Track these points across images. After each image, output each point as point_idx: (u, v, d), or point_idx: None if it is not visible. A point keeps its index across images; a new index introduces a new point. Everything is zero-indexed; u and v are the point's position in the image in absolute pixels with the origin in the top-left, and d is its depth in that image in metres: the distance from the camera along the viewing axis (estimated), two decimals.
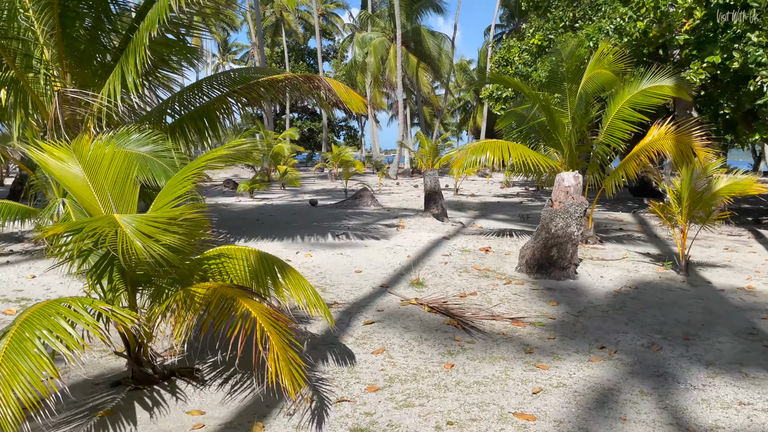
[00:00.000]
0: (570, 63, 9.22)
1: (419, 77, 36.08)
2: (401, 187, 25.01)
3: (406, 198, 17.74)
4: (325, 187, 24.55)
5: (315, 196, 18.41)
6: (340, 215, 12.26)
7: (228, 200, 16.26)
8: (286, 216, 12.16)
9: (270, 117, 33.21)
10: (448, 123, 62.65)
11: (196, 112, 7.70)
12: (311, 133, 53.80)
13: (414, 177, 34.44)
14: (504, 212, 13.53)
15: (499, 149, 8.41)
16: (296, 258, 7.74)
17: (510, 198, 18.53)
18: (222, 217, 12.03)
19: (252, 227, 10.47)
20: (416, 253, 8.16)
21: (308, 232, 9.85)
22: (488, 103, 16.69)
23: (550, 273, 7.05)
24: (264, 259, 3.82)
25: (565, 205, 7.15)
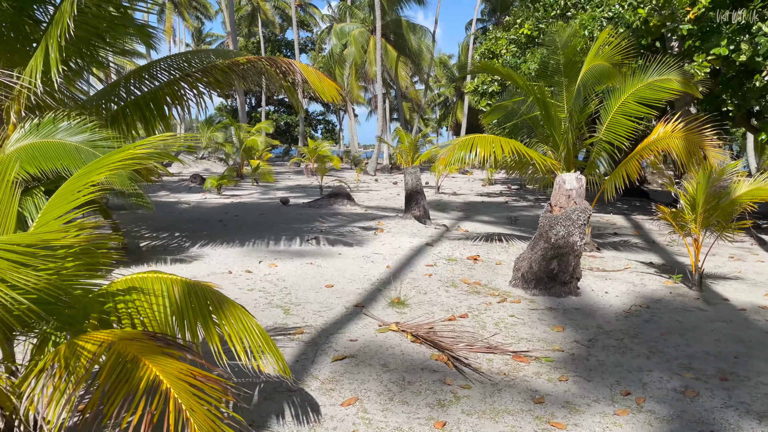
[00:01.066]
0: (566, 53, 8.35)
1: (398, 71, 35.08)
2: (380, 183, 24.04)
3: (385, 196, 16.78)
4: (300, 183, 23.47)
5: (288, 193, 17.34)
6: (313, 216, 11.25)
7: (192, 197, 15.11)
8: (252, 216, 11.11)
9: (243, 109, 31.94)
10: (428, 119, 61.84)
11: (143, 98, 6.64)
12: (288, 127, 52.41)
13: (393, 173, 33.49)
14: (489, 213, 12.66)
15: (489, 145, 7.49)
16: (258, 269, 6.73)
17: (494, 197, 17.70)
18: (181, 216, 10.93)
19: (212, 229, 9.41)
20: (396, 262, 7.21)
21: (275, 236, 8.83)
22: (472, 99, 15.83)
23: (550, 289, 6.16)
24: (193, 293, 2.81)
25: (566, 210, 6.26)
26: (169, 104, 6.75)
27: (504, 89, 14.49)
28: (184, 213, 11.50)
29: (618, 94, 8.10)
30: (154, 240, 8.37)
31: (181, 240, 8.37)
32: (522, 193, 19.47)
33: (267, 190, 18.79)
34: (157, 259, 7.07)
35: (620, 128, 7.94)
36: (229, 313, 2.86)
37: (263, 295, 5.67)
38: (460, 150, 7.60)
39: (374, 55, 33.75)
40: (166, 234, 8.85)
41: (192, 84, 6.82)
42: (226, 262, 7.02)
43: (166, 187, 18.88)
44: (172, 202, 13.67)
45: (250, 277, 6.31)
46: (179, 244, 8.09)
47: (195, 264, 6.85)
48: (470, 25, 46.38)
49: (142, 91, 6.83)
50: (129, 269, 6.55)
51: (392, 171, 34.37)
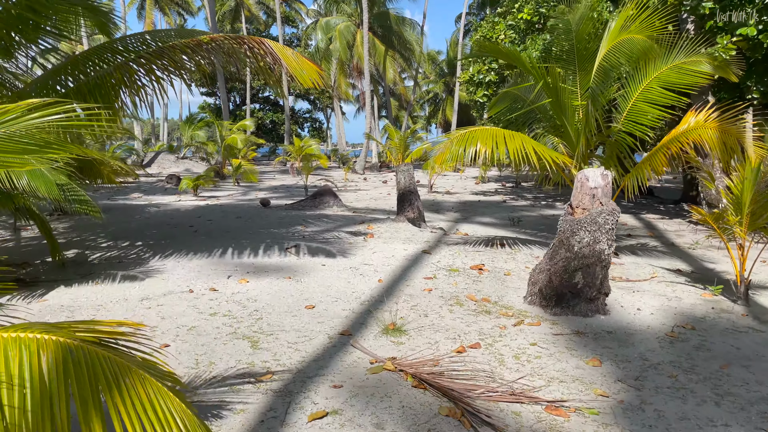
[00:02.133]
0: (579, 34, 7.37)
1: (387, 66, 34.01)
2: (369, 182, 23.00)
3: (374, 196, 15.74)
4: (285, 183, 22.37)
5: (271, 194, 16.25)
6: (296, 219, 10.19)
7: (166, 199, 13.97)
8: (228, 220, 10.03)
9: (226, 106, 30.75)
10: (417, 116, 60.83)
11: (86, 85, 5.56)
12: (274, 125, 51.11)
13: (382, 171, 32.47)
14: (489, 214, 11.66)
15: (492, 140, 6.47)
16: (226, 286, 5.66)
17: (489, 196, 16.72)
18: (150, 222, 9.82)
19: (180, 237, 8.32)
20: (390, 275, 6.18)
21: (251, 244, 7.77)
22: (467, 90, 14.82)
23: (574, 307, 5.17)
24: (79, 365, 1.75)
25: (591, 213, 5.26)
26: (118, 92, 5.66)
27: (502, 79, 13.53)
28: (153, 217, 10.38)
29: (639, 79, 7.12)
30: (110, 250, 7.27)
31: (142, 250, 7.27)
32: (519, 191, 18.52)
33: (249, 190, 17.69)
34: (105, 274, 5.98)
35: (643, 117, 6.97)
36: (137, 387, 1.80)
37: (228, 321, 4.62)
38: (458, 145, 6.57)
39: (362, 49, 32.67)
40: (125, 243, 7.76)
41: (146, 67, 5.74)
42: (189, 277, 5.94)
43: (141, 188, 17.72)
44: (141, 205, 12.53)
45: (215, 297, 5.25)
46: (138, 255, 7.00)
47: (150, 281, 5.77)
48: (459, 19, 45.47)
49: (89, 76, 5.74)
50: (67, 289, 5.49)
51: (381, 169, 33.34)
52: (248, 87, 44.10)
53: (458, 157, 6.46)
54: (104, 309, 4.83)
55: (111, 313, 4.72)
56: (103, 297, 5.20)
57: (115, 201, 13.49)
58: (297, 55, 6.29)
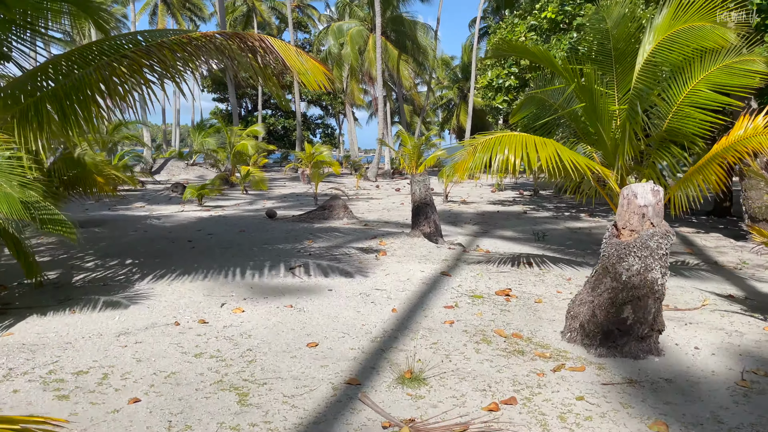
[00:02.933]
0: (619, 31, 6.62)
1: (400, 71, 33.35)
2: (381, 190, 22.30)
3: (387, 206, 15.01)
4: (295, 191, 21.73)
5: (280, 203, 15.60)
6: (303, 233, 9.49)
7: (168, 209, 13.36)
8: (230, 234, 9.35)
9: (236, 112, 30.25)
10: (430, 122, 60.17)
11: (62, 88, 4.91)
12: (286, 132, 50.69)
13: (395, 179, 31.78)
14: (510, 227, 10.88)
15: (521, 147, 5.72)
16: (218, 316, 4.95)
17: (508, 205, 15.92)
18: (146, 236, 9.16)
19: (177, 254, 7.65)
20: (405, 302, 5.44)
21: (252, 262, 7.07)
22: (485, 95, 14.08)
23: (623, 347, 4.40)
24: None
25: (641, 236, 4.50)
26: (97, 95, 5.00)
27: (523, 84, 12.79)
28: (150, 231, 9.73)
29: (684, 80, 6.34)
30: (97, 270, 6.61)
31: (131, 270, 6.60)
32: (538, 200, 17.69)
33: (257, 199, 17.06)
34: (86, 300, 5.31)
35: (690, 123, 6.18)
36: None
37: (215, 364, 3.91)
38: (483, 153, 5.83)
39: (374, 54, 32.04)
40: (115, 261, 7.09)
41: (133, 67, 5.08)
42: (178, 305, 5.25)
43: (146, 197, 17.15)
44: (141, 216, 11.90)
45: (204, 332, 4.55)
46: (127, 276, 6.33)
47: (134, 309, 5.08)
48: (473, 24, 44.74)
49: (69, 77, 5.08)
50: (39, 319, 4.81)
51: (394, 176, 32.67)
52: (260, 93, 43.69)
53: (483, 166, 5.72)
54: (72, 348, 4.14)
55: (79, 354, 4.03)
56: (75, 331, 4.51)
57: (116, 211, 12.90)
58: (302, 54, 5.61)
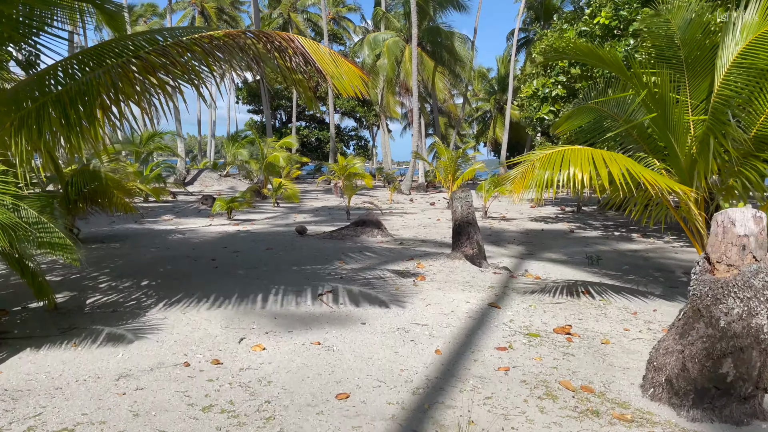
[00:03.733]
0: (690, 33, 5.82)
1: (435, 82, 32.68)
2: (415, 204, 21.58)
3: (422, 222, 14.26)
4: (328, 204, 21.18)
5: (311, 217, 15.02)
6: (334, 252, 8.83)
7: (196, 223, 12.89)
8: (257, 252, 8.74)
9: (269, 124, 30.03)
10: (465, 134, 59.30)
11: (68, 92, 4.37)
12: (319, 143, 50.46)
13: (429, 192, 31.03)
14: (557, 248, 10.02)
15: (588, 162, 4.95)
16: (235, 354, 4.30)
17: (551, 222, 15.00)
18: (168, 253, 8.62)
19: (198, 274, 7.06)
20: (450, 341, 4.69)
21: (277, 286, 6.42)
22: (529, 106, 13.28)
23: (722, 409, 3.59)
24: None
25: (743, 272, 3.68)
26: (112, 98, 4.44)
27: (571, 93, 11.96)
28: (173, 247, 9.20)
29: None
30: (109, 293, 6.05)
31: (146, 293, 6.02)
32: (582, 218, 16.70)
33: (288, 213, 16.53)
34: (89, 331, 4.72)
35: None
36: None
37: (225, 422, 3.24)
38: (544, 169, 5.07)
39: (410, 65, 31.47)
40: (129, 282, 6.53)
41: (146, 70, 4.51)
42: (191, 339, 4.62)
43: (175, 209, 16.79)
44: (166, 230, 11.43)
45: (217, 376, 3.89)
46: (139, 301, 5.75)
47: (140, 345, 4.46)
48: (512, 35, 43.88)
49: (76, 80, 4.55)
50: (33, 354, 4.22)
51: (428, 190, 31.92)
52: (294, 105, 43.59)
53: (544, 184, 4.97)
54: (61, 396, 3.53)
55: (68, 404, 3.41)
56: (70, 372, 3.91)
57: (142, 225, 12.49)
58: (336, 56, 4.97)
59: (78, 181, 8.12)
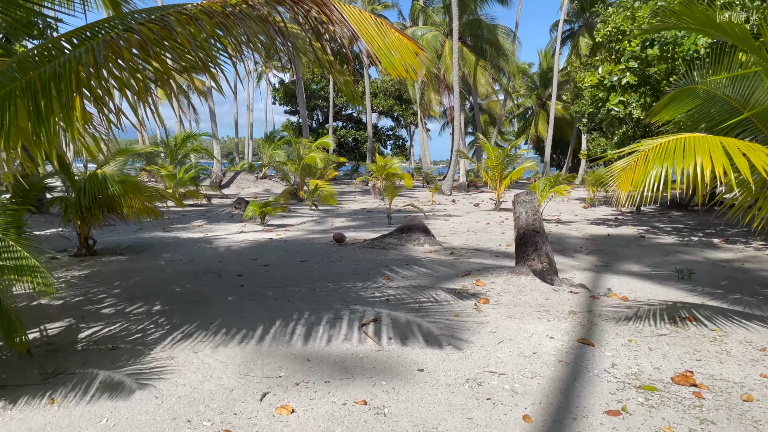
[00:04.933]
0: None
1: (477, 77, 31.26)
2: (458, 205, 20.31)
3: (471, 226, 13.03)
4: (366, 205, 20.12)
5: (349, 221, 13.97)
6: (377, 265, 7.72)
7: (227, 229, 11.98)
8: (290, 266, 7.71)
9: (306, 124, 29.19)
10: (505, 131, 57.52)
11: (41, 77, 3.40)
12: (356, 143, 49.57)
13: (470, 192, 29.66)
14: (634, 258, 8.66)
15: (720, 151, 3.71)
16: (254, 422, 3.20)
17: (614, 226, 13.56)
18: (190, 267, 7.66)
19: (220, 295, 6.04)
20: (542, 402, 3.50)
21: (312, 310, 5.34)
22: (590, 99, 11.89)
23: None
24: None
25: None
26: (88, 86, 3.46)
27: (643, 81, 10.57)
28: (197, 259, 8.25)
29: None
30: (112, 322, 5.07)
31: (156, 322, 5.03)
32: (646, 220, 15.15)
33: (326, 216, 15.53)
34: (78, 379, 3.73)
35: None
36: None
37: None
38: (659, 161, 3.84)
39: (450, 60, 30.20)
40: (139, 306, 5.56)
41: (137, 47, 3.50)
42: (200, 393, 3.57)
43: (207, 213, 15.98)
44: (193, 239, 10.51)
45: None
46: (145, 333, 4.75)
47: (134, 402, 3.43)
48: (555, 27, 42.07)
49: (53, 63, 3.58)
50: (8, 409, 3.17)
51: (469, 190, 30.55)
52: (331, 105, 42.79)
53: (658, 179, 3.74)
54: None
55: None
56: None
57: (170, 232, 11.65)
58: (383, 25, 3.85)
59: (91, 187, 7.24)
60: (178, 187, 18.51)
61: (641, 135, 20.19)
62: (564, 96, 23.13)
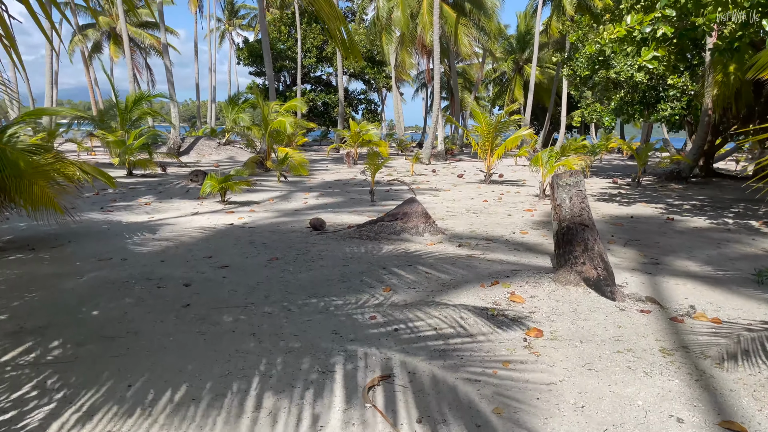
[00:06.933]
0: None
1: (459, 36, 29.16)
2: (440, 176, 18.59)
3: (469, 205, 11.31)
4: (341, 176, 18.22)
5: (324, 198, 12.11)
6: (369, 266, 5.95)
7: (178, 209, 9.97)
8: (255, 267, 5.85)
9: (273, 86, 26.82)
10: (480, 97, 55.65)
11: None
12: (326, 108, 47.06)
13: (448, 160, 27.96)
14: (683, 250, 7.07)
15: None
16: None
17: (625, 204, 12.03)
18: (119, 272, 5.73)
19: (153, 322, 4.18)
20: None
21: (286, 356, 3.55)
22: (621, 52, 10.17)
23: None
24: None
25: None
26: None
27: (680, 34, 8.88)
28: (131, 259, 6.30)
29: None
30: None
31: (42, 387, 3.18)
32: (652, 194, 13.69)
33: (296, 191, 13.60)
34: None
35: None
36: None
37: None
38: None
39: (428, 17, 28.04)
40: (25, 346, 3.69)
41: None
42: None
43: (160, 186, 13.84)
44: (133, 224, 8.48)
45: None
46: (18, 414, 2.90)
47: None
48: None
49: None
50: None
51: (447, 158, 28.83)
52: (299, 65, 40.15)
53: None
54: None
55: None
56: None
57: (108, 213, 9.60)
58: None
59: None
60: (126, 155, 16.24)
61: (640, 100, 18.74)
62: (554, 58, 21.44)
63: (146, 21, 41.92)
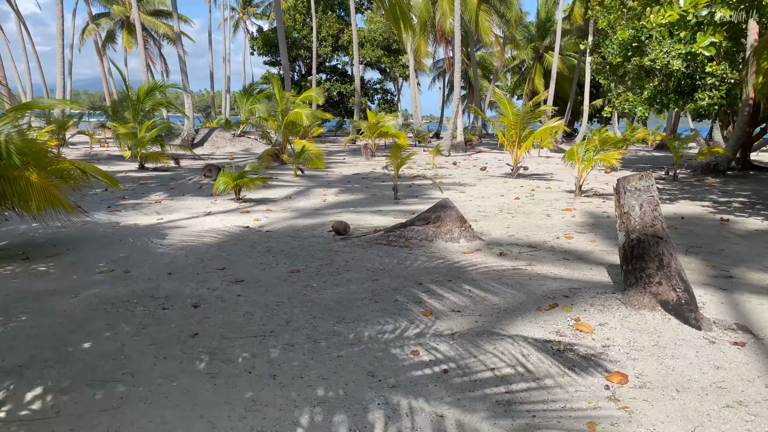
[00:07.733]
0: None
1: (480, 22, 28.17)
2: (463, 169, 17.79)
3: (500, 204, 10.54)
4: (359, 170, 17.49)
5: (345, 194, 11.40)
6: (402, 280, 5.24)
7: (190, 208, 9.31)
8: (273, 281, 5.17)
9: (288, 76, 26.09)
10: (499, 86, 54.44)
11: None
12: (342, 98, 46.18)
13: (468, 152, 27.11)
14: (753, 259, 6.25)
15: None
16: None
17: (666, 200, 11.18)
18: (121, 288, 5.07)
19: (153, 360, 3.51)
20: None
21: (314, 417, 2.87)
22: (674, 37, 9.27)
23: None
24: None
25: None
26: None
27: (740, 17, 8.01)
28: (136, 269, 5.65)
29: None
30: None
31: None
32: (692, 189, 12.81)
33: (314, 186, 12.91)
34: None
35: None
36: None
37: None
38: None
39: (448, 4, 27.08)
40: (1, 396, 3.04)
41: None
42: None
43: (172, 182, 13.22)
44: (141, 228, 7.81)
45: None
46: None
47: None
48: None
49: None
50: None
51: (467, 149, 27.96)
52: (314, 54, 39.33)
53: None
54: None
55: None
56: None
57: (116, 213, 8.97)
58: None
59: None
60: (137, 148, 15.65)
61: (675, 89, 17.74)
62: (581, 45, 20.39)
63: (160, 9, 41.30)
